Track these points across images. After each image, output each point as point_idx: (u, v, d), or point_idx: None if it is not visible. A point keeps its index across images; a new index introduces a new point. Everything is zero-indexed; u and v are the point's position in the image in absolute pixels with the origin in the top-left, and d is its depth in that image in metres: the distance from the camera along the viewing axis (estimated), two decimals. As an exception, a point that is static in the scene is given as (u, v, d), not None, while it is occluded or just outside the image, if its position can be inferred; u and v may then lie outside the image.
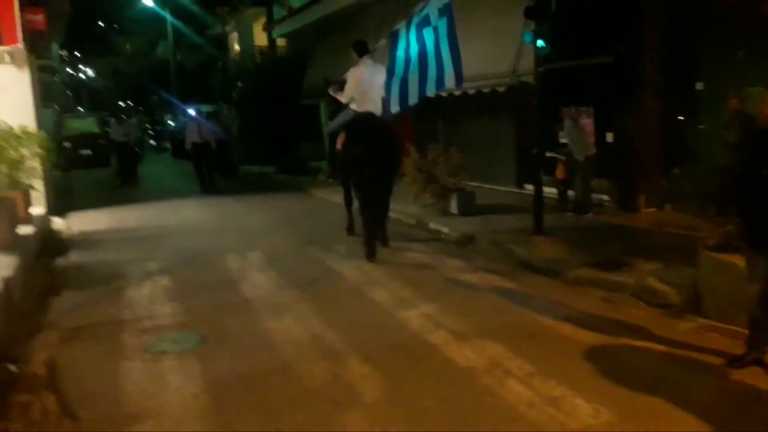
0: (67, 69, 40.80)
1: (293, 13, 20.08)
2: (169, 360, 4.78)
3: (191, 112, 16.57)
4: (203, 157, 15.18)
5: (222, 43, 32.49)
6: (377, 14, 14.43)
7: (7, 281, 6.06)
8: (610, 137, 9.73)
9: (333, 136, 8.54)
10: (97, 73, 54.39)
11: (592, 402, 3.83)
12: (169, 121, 32.37)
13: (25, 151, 8.30)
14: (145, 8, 33.76)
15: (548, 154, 9.40)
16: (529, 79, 8.51)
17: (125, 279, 7.15)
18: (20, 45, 10.46)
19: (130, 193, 15.41)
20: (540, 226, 8.02)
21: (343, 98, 8.00)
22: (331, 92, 8.50)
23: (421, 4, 7.13)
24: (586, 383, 4.10)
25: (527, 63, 8.67)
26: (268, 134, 19.45)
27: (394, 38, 7.38)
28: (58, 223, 10.91)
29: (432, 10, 7.02)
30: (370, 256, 7.44)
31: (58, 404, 4.18)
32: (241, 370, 4.52)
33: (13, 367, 4.83)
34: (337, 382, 4.26)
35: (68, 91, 38.68)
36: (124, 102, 47.24)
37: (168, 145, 29.38)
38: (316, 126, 19.94)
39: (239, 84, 22.02)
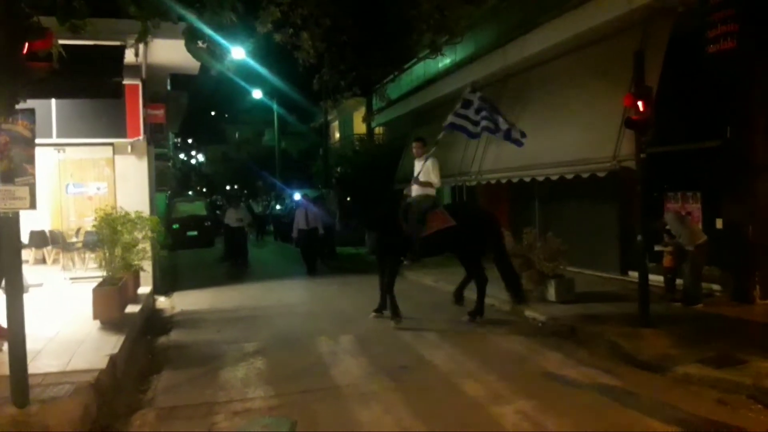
0: (180, 155, 43.91)
1: (390, 103, 20.83)
2: (258, 446, 4.76)
3: (297, 197, 17.31)
4: (310, 243, 15.43)
5: (323, 131, 34.13)
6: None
7: (113, 359, 6.35)
8: (719, 223, 9.21)
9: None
10: (207, 158, 58.20)
11: None
12: (277, 206, 33.52)
13: (138, 235, 8.84)
14: (254, 100, 36.10)
15: (657, 248, 9.03)
16: (631, 164, 8.27)
17: (222, 360, 7.29)
18: (141, 137, 11.39)
19: (231, 273, 15.84)
20: (646, 318, 7.56)
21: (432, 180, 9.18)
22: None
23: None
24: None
25: (628, 148, 8.46)
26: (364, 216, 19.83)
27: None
28: (162, 301, 11.43)
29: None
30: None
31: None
32: (329, 460, 4.43)
33: (112, 445, 4.98)
34: (426, 480, 4.07)
35: (179, 176, 41.43)
36: (231, 186, 49.95)
37: (271, 227, 30.14)
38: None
39: (338, 169, 22.82)
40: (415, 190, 9.09)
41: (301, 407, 5.54)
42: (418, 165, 9.25)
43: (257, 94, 33.94)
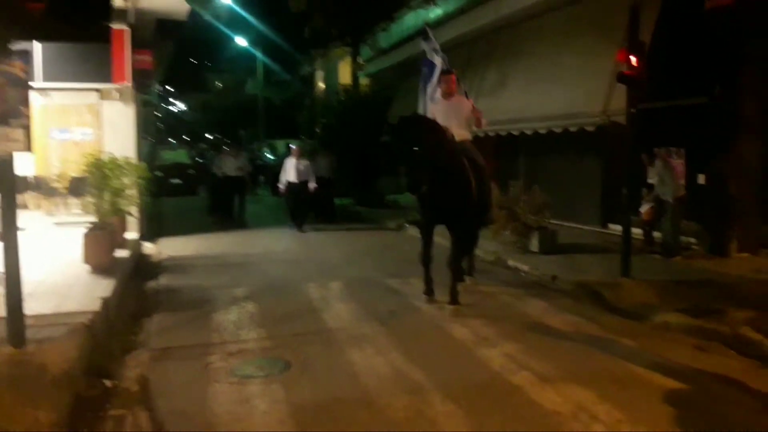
0: (161, 103, 43.14)
1: (379, 54, 20.56)
2: (254, 384, 4.90)
3: (292, 147, 15.38)
4: (299, 198, 14.10)
5: (308, 81, 33.66)
6: (464, 54, 14.59)
7: (106, 301, 6.43)
8: (701, 179, 9.40)
9: None
10: (188, 107, 57.27)
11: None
12: (268, 155, 32.21)
13: (126, 180, 8.81)
14: (237, 48, 35.39)
15: (642, 209, 9.18)
16: (620, 118, 8.37)
17: (213, 304, 7.40)
18: (128, 83, 11.23)
19: (217, 222, 15.49)
20: (627, 268, 7.78)
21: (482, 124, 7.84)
22: None
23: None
24: (677, 433, 3.95)
25: (618, 103, 8.54)
26: (349, 168, 19.82)
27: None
28: (149, 247, 11.46)
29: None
30: (429, 293, 7.21)
31: (150, 420, 4.37)
32: (325, 399, 4.59)
33: (108, 383, 5.09)
34: (421, 417, 4.24)
35: (161, 124, 40.79)
36: (213, 135, 49.35)
37: (262, 179, 26.56)
38: (396, 161, 20.27)
39: (323, 120, 22.67)
40: (460, 135, 7.35)
41: (293, 349, 5.68)
42: (446, 105, 7.60)
43: (241, 41, 33.34)
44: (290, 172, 14.02)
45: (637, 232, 9.49)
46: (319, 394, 4.67)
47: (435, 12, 16.72)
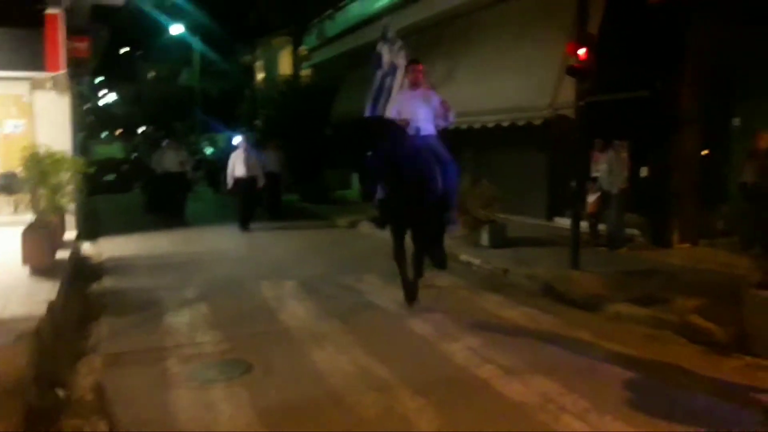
0: (93, 94, 41.43)
1: (323, 44, 20.24)
2: (217, 389, 4.76)
3: (237, 140, 14.39)
4: (249, 195, 13.23)
5: (248, 71, 32.90)
6: (410, 46, 14.55)
7: (52, 305, 6.12)
8: (644, 172, 9.70)
9: None
10: (119, 98, 55.24)
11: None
12: (207, 149, 30.96)
13: (64, 176, 8.39)
14: (171, 37, 34.21)
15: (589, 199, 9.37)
16: (567, 112, 8.55)
17: (162, 306, 7.15)
18: (63, 72, 10.69)
19: (156, 220, 14.85)
20: (577, 260, 7.97)
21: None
22: None
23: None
24: (641, 419, 4.07)
25: (565, 96, 8.72)
26: (293, 162, 19.57)
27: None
28: (87, 247, 11.00)
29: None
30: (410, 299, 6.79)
31: (110, 430, 4.19)
32: (292, 399, 4.51)
33: (61, 392, 4.85)
34: (391, 414, 4.22)
35: (92, 116, 39.23)
36: (147, 128, 47.78)
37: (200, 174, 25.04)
38: (341, 155, 20.17)
39: (264, 112, 22.26)
40: (423, 130, 6.85)
41: (253, 350, 5.55)
42: (412, 95, 7.01)
43: (177, 29, 32.22)
44: (239, 167, 13.07)
45: (582, 224, 9.72)
46: (285, 396, 4.58)
47: (381, 2, 16.53)
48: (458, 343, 5.62)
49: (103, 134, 45.69)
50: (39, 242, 7.34)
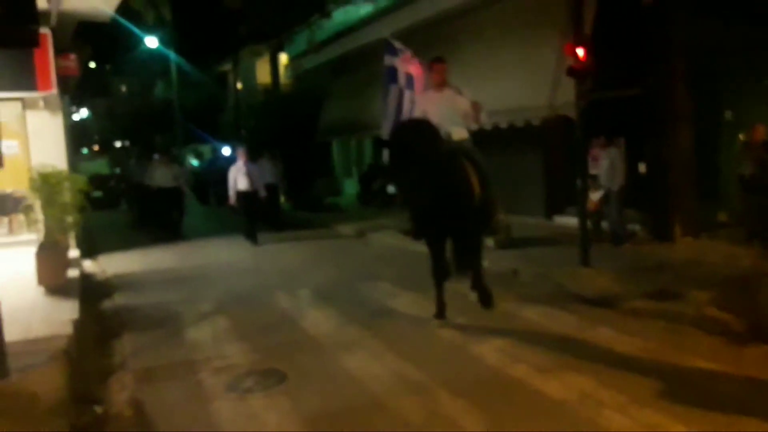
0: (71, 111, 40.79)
1: (308, 51, 20.14)
2: (256, 399, 4.81)
3: (227, 151, 14.37)
4: (252, 208, 12.87)
5: (223, 81, 32.71)
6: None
7: (77, 324, 6.12)
8: (641, 168, 9.90)
9: None
10: (94, 114, 54.58)
11: (691, 427, 3.93)
12: (192, 161, 30.57)
13: (69, 195, 8.37)
14: (143, 49, 33.70)
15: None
16: (566, 111, 8.69)
17: (181, 320, 7.17)
18: (54, 91, 10.62)
19: (152, 235, 14.69)
20: (586, 258, 8.12)
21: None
22: None
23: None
24: (679, 410, 4.17)
25: (564, 96, 8.87)
26: (285, 172, 19.54)
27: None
28: (89, 265, 10.94)
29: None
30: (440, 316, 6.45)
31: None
32: (334, 406, 4.57)
33: (98, 409, 4.86)
34: (437, 417, 4.30)
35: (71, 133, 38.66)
36: (123, 143, 47.27)
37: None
38: (329, 162, 20.29)
39: (250, 122, 22.21)
40: (457, 132, 6.60)
41: (284, 359, 5.59)
42: (437, 97, 6.70)
43: (152, 42, 31.89)
44: (240, 180, 12.63)
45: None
46: (327, 403, 4.64)
47: (366, 9, 16.53)
48: (486, 345, 5.69)
49: (84, 150, 45.11)
50: (52, 262, 7.33)
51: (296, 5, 17.62)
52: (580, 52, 7.85)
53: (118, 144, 48.06)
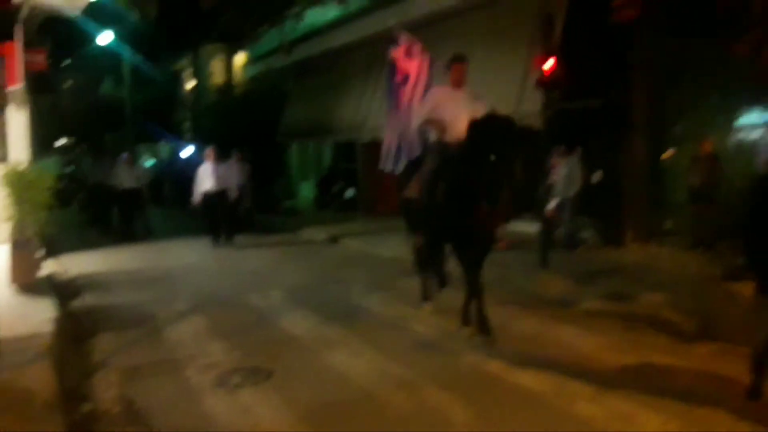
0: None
1: (269, 52, 19.95)
2: (247, 394, 4.98)
3: (188, 151, 14.05)
4: (218, 208, 12.60)
5: (176, 79, 32.16)
6: (362, 58, 14.87)
7: (58, 321, 6.17)
8: (597, 176, 10.40)
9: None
10: (36, 110, 52.77)
11: (658, 414, 4.35)
12: (148, 161, 29.72)
13: (41, 192, 8.31)
14: (92, 45, 32.81)
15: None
16: (532, 120, 9.08)
17: (157, 319, 7.25)
18: (20, 85, 10.46)
19: (108, 236, 14.65)
20: (546, 262, 8.57)
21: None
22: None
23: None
24: (645, 399, 4.58)
25: (529, 105, 9.28)
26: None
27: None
28: (52, 264, 10.80)
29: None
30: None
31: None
32: (326, 399, 4.80)
33: (87, 406, 4.96)
34: (425, 408, 4.59)
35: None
36: (69, 141, 45.91)
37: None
38: (284, 165, 20.30)
39: (207, 122, 22.00)
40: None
41: (268, 356, 5.77)
42: (457, 95, 6.28)
43: (106, 37, 31.09)
44: (206, 180, 12.34)
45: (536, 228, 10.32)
46: (317, 396, 4.87)
47: (332, 12, 16.54)
48: (459, 342, 6.02)
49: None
50: (27, 260, 7.31)
51: (268, 6, 17.52)
52: (549, 63, 8.26)
53: (63, 142, 46.70)
